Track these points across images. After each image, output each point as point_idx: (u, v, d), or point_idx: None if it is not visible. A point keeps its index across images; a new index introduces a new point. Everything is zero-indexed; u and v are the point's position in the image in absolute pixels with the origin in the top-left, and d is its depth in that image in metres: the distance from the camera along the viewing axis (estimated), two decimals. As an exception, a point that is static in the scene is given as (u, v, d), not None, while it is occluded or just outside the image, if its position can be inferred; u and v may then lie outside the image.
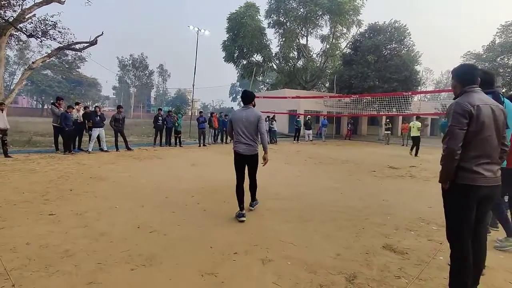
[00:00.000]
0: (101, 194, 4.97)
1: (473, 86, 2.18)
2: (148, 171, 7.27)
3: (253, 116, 4.01)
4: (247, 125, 4.01)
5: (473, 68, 2.30)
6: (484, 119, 2.04)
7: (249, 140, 4.03)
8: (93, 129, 10.10)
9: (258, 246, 3.13)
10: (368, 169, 8.60)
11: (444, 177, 2.16)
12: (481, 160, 2.06)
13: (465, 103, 2.07)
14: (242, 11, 28.03)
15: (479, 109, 2.04)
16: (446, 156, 2.10)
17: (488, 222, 2.71)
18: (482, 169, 2.05)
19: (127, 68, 65.28)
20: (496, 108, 2.12)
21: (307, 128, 19.35)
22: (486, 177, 2.05)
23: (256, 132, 4.05)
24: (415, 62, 22.63)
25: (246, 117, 4.02)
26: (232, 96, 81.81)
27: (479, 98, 2.11)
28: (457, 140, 2.04)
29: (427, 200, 5.23)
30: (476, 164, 2.06)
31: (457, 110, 2.07)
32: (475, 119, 2.04)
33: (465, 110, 2.04)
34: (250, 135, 4.03)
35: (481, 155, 2.07)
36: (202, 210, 4.35)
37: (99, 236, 3.26)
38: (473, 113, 2.03)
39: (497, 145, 2.11)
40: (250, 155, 4.06)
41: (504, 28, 31.12)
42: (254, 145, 4.06)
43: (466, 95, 2.15)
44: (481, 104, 2.06)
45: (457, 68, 2.32)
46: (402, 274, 2.63)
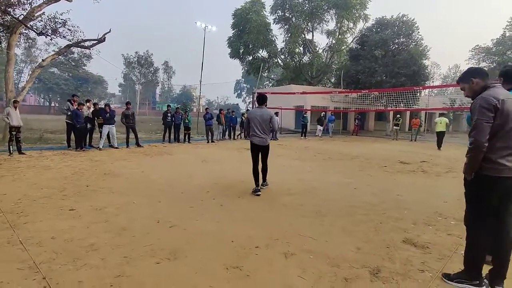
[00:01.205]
0: (117, 190, 5.03)
1: (495, 82, 2.27)
2: (159, 167, 7.33)
3: (266, 115, 5.08)
4: (261, 121, 5.07)
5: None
6: (509, 112, 2.12)
7: (262, 134, 5.10)
8: (103, 126, 10.19)
9: (278, 240, 3.15)
10: (379, 165, 8.57)
11: (470, 169, 2.24)
12: (506, 152, 2.14)
13: (490, 97, 2.13)
14: (247, 7, 27.93)
15: (504, 102, 2.11)
16: (474, 149, 2.17)
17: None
18: (506, 160, 2.14)
19: (133, 65, 65.52)
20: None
21: (320, 124, 19.31)
22: (510, 168, 2.13)
23: (268, 128, 5.11)
24: (423, 56, 22.36)
25: (261, 116, 5.09)
26: (237, 93, 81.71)
27: (503, 93, 2.18)
28: (484, 133, 2.11)
29: (441, 195, 5.21)
30: (501, 156, 2.14)
31: (483, 105, 2.14)
32: (500, 112, 2.11)
33: (490, 104, 2.11)
34: (263, 130, 5.09)
35: (506, 146, 2.14)
36: (218, 205, 4.38)
37: (121, 230, 3.31)
38: (498, 107, 2.10)
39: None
40: (263, 145, 5.16)
41: (514, 21, 30.54)
42: (265, 137, 5.14)
43: (490, 90, 2.22)
44: (506, 99, 2.14)
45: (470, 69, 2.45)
46: (425, 268, 2.64)
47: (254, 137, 5.12)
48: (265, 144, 5.14)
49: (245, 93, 79.30)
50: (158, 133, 16.68)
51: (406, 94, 19.08)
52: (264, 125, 5.05)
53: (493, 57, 29.73)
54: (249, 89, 69.78)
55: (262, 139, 5.08)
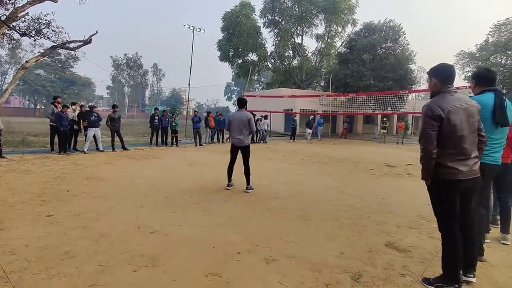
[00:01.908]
0: (99, 195, 4.91)
1: (450, 86, 2.31)
2: (145, 171, 7.21)
3: (244, 117, 5.40)
4: (240, 123, 5.37)
5: (452, 67, 2.42)
6: (455, 121, 2.19)
7: (240, 135, 5.39)
8: (88, 129, 9.99)
9: (260, 245, 3.11)
10: (365, 168, 8.63)
11: (425, 175, 2.35)
12: (457, 157, 2.23)
13: (436, 107, 2.21)
14: (237, 10, 27.96)
15: (449, 113, 2.19)
16: (424, 156, 2.29)
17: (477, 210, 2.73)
18: (459, 164, 2.22)
19: (121, 67, 64.81)
20: (469, 108, 2.25)
21: (309, 127, 19.40)
22: (463, 171, 2.23)
23: (247, 129, 5.39)
24: (410, 61, 22.76)
25: (240, 118, 5.42)
26: (227, 95, 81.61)
27: (451, 101, 2.23)
28: (431, 141, 2.22)
29: (425, 198, 5.18)
30: (453, 160, 2.22)
31: (428, 113, 2.23)
32: (445, 122, 2.19)
33: (434, 114, 2.20)
34: (242, 131, 5.38)
35: (457, 153, 2.23)
36: (202, 210, 4.31)
37: (99, 237, 3.21)
38: (442, 117, 2.18)
39: (472, 141, 2.26)
40: (242, 146, 5.42)
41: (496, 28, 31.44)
42: (244, 139, 5.40)
43: (440, 98, 2.29)
44: (452, 108, 2.19)
45: (437, 67, 2.42)
46: (406, 272, 2.63)
47: (233, 138, 5.51)
48: (243, 145, 5.41)
49: (235, 96, 79.26)
50: (146, 136, 16.46)
51: (393, 98, 19.37)
52: (243, 127, 5.36)
53: (477, 62, 30.47)
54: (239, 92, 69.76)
55: (240, 140, 5.40)
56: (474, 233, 2.44)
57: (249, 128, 5.40)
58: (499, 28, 31.15)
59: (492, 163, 2.67)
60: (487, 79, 2.78)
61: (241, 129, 5.37)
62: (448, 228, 2.34)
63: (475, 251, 2.46)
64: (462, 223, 2.37)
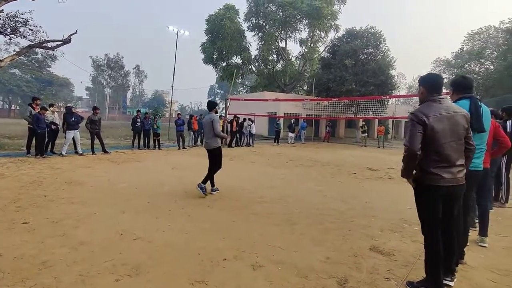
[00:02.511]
0: (79, 200, 4.73)
1: (436, 95, 2.37)
2: (127, 175, 7.03)
3: (209, 119, 5.38)
4: (206, 126, 5.42)
5: (439, 77, 2.52)
6: (438, 129, 2.25)
7: (208, 138, 5.45)
8: (67, 131, 9.66)
9: (246, 251, 3.08)
10: (348, 171, 8.76)
11: (405, 174, 2.43)
12: (440, 164, 2.28)
13: (421, 114, 2.29)
14: (221, 13, 27.91)
15: (434, 121, 2.25)
16: (407, 156, 2.33)
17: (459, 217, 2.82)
18: (442, 171, 2.27)
19: (102, 68, 63.28)
20: (454, 117, 2.31)
21: (291, 131, 19.51)
22: (445, 178, 2.28)
23: (211, 132, 5.32)
24: (390, 67, 23.41)
25: (206, 121, 5.47)
26: (211, 98, 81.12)
27: (436, 109, 2.30)
28: (416, 142, 2.27)
29: (407, 201, 5.36)
30: (436, 167, 2.28)
31: (414, 119, 2.31)
32: (429, 128, 2.25)
33: (419, 119, 2.27)
34: (208, 133, 5.43)
35: (440, 159, 2.29)
36: (186, 215, 4.24)
37: (78, 245, 3.09)
38: (427, 124, 2.25)
39: (456, 149, 2.31)
40: (208, 149, 5.44)
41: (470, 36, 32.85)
42: (210, 142, 5.39)
43: (425, 106, 2.36)
44: (436, 116, 2.27)
45: (424, 76, 2.52)
46: (391, 276, 2.67)
47: (204, 142, 5.65)
48: (209, 148, 5.38)
49: (219, 98, 78.87)
50: (127, 139, 16.11)
51: (374, 103, 19.81)
52: (208, 129, 5.37)
53: (453, 69, 31.72)
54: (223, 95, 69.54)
55: (206, 143, 5.47)
56: (455, 239, 2.50)
57: (212, 130, 5.30)
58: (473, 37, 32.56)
59: (474, 169, 2.74)
60: (464, 86, 2.87)
61: (207, 131, 5.41)
62: (430, 232, 2.40)
63: (455, 256, 2.51)
64: (444, 229, 2.43)
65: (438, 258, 2.35)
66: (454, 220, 2.48)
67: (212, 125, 5.27)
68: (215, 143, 5.36)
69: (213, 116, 5.36)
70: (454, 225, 2.49)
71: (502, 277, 2.72)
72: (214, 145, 5.35)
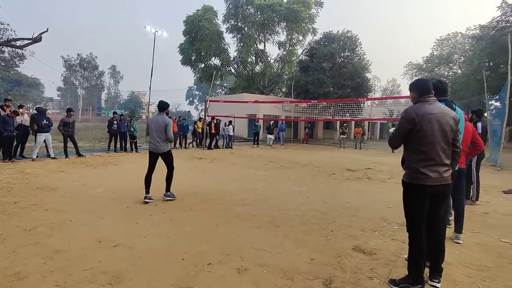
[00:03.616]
0: (52, 206, 4.51)
1: (427, 96, 2.48)
2: (104, 179, 6.79)
3: (162, 122, 5.02)
4: (157, 128, 5.04)
5: (427, 81, 2.63)
6: (428, 127, 2.35)
7: (157, 141, 5.05)
8: (38, 134, 9.20)
9: (231, 255, 3.05)
10: (328, 172, 8.91)
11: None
12: (427, 163, 2.37)
13: (412, 111, 2.40)
14: (199, 14, 27.66)
15: (423, 118, 2.35)
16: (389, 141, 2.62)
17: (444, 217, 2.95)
18: (428, 170, 2.36)
19: (74, 68, 60.97)
20: (444, 117, 2.40)
21: (270, 133, 19.58)
22: (432, 177, 2.36)
23: (164, 135, 5.02)
24: (366, 70, 24.12)
25: (158, 122, 5.05)
26: (189, 100, 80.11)
27: (427, 108, 2.40)
28: (396, 141, 2.50)
29: (386, 200, 5.54)
30: (423, 166, 2.37)
31: (404, 116, 2.43)
32: (418, 126, 2.35)
33: (410, 117, 2.38)
34: (158, 136, 5.04)
35: (428, 158, 2.37)
36: (168, 219, 4.14)
37: (54, 254, 2.93)
38: (416, 121, 2.35)
39: (444, 149, 2.39)
40: (159, 152, 5.11)
41: (439, 42, 34.49)
42: (160, 145, 5.06)
43: (418, 105, 2.47)
44: (426, 114, 2.37)
45: (413, 82, 2.66)
46: (374, 274, 2.73)
47: (150, 144, 5.16)
48: (160, 151, 5.10)
49: (197, 100, 78.13)
50: (103, 141, 15.60)
51: (351, 105, 20.30)
52: (160, 132, 5.02)
53: (424, 73, 33.14)
54: (202, 96, 68.90)
55: (157, 146, 5.07)
56: (442, 239, 2.58)
57: (166, 134, 5.01)
58: (442, 43, 34.18)
59: None
60: (440, 90, 3.01)
61: (158, 134, 5.03)
62: (415, 229, 2.47)
63: (441, 257, 2.58)
64: (430, 229, 2.50)
65: (421, 255, 2.42)
66: (442, 220, 2.56)
67: (165, 129, 4.99)
68: (166, 147, 5.14)
69: (167, 120, 5.06)
70: (441, 225, 2.58)
71: (477, 272, 2.85)
72: (165, 148, 5.13)
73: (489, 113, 14.55)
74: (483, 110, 5.66)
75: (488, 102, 15.29)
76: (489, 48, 20.87)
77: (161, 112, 5.21)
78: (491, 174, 9.10)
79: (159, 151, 5.10)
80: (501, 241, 3.69)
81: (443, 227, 2.70)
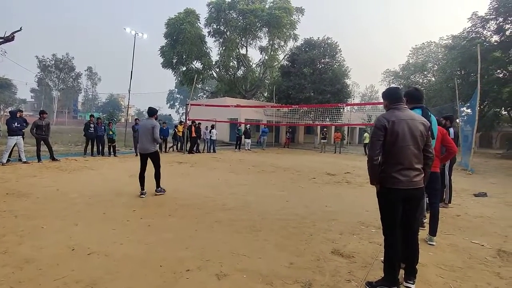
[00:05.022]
0: (22, 213, 4.31)
1: (397, 104, 2.60)
2: (79, 184, 6.56)
3: (149, 125, 5.62)
4: (145, 131, 5.64)
5: (397, 89, 2.78)
6: (398, 132, 2.45)
7: (145, 143, 5.67)
8: (8, 137, 8.79)
9: (211, 260, 3.02)
10: (308, 176, 9.01)
11: (370, 179, 2.60)
12: (398, 167, 2.47)
13: (382, 118, 2.52)
14: (181, 17, 27.51)
15: (393, 124, 2.46)
16: (368, 161, 2.54)
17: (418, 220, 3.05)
18: (399, 174, 2.46)
19: (49, 69, 58.86)
20: (413, 122, 2.51)
21: (247, 137, 19.58)
22: (402, 181, 2.45)
23: (151, 137, 5.59)
24: (345, 76, 24.72)
25: (145, 126, 5.68)
26: (170, 103, 79.06)
27: (397, 115, 2.52)
28: (374, 148, 2.49)
29: (363, 204, 5.66)
30: (395, 170, 2.46)
31: (376, 124, 2.53)
32: (389, 131, 2.46)
33: (380, 124, 2.48)
34: (146, 138, 5.64)
35: (398, 162, 2.47)
36: (146, 225, 4.05)
37: (23, 263, 2.80)
38: (387, 127, 2.46)
39: (415, 153, 2.49)
40: (147, 153, 5.73)
41: (414, 50, 35.88)
42: (148, 146, 5.68)
43: (388, 112, 2.60)
44: (396, 120, 2.48)
45: (385, 90, 2.80)
46: (351, 277, 2.77)
47: (139, 146, 5.88)
48: (147, 152, 5.70)
49: (178, 103, 77.27)
50: (79, 145, 15.10)
51: (331, 110, 20.70)
52: (148, 134, 5.60)
53: (400, 80, 34.37)
54: (183, 100, 68.23)
55: (144, 147, 5.71)
56: (417, 242, 2.66)
57: (153, 135, 5.58)
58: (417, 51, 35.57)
59: None
60: (416, 97, 3.15)
61: (147, 137, 5.61)
62: (390, 233, 2.54)
63: (416, 259, 2.65)
64: (405, 232, 2.58)
65: (396, 257, 2.50)
66: (416, 223, 2.65)
67: (152, 131, 5.57)
68: (153, 148, 5.72)
69: (155, 123, 5.70)
70: (416, 228, 2.66)
71: (450, 272, 2.96)
72: (152, 149, 5.71)
73: (460, 119, 15.23)
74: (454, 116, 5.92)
75: (460, 109, 16.02)
76: (460, 57, 21.93)
77: (150, 117, 5.88)
78: (463, 178, 9.51)
79: (147, 152, 5.70)
80: (472, 242, 3.85)
81: (417, 230, 2.79)
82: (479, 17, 21.34)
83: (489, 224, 4.70)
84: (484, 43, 20.11)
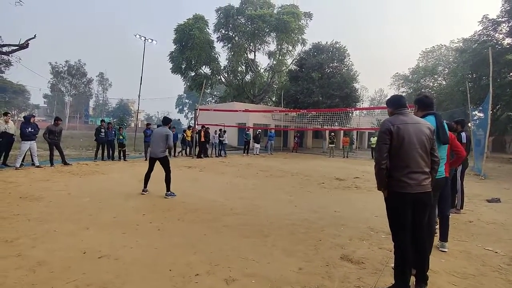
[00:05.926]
0: (35, 217, 4.40)
1: (401, 109, 2.63)
2: (90, 188, 6.66)
3: (164, 133, 6.14)
4: (159, 138, 6.12)
5: (400, 96, 2.82)
6: (404, 135, 2.46)
7: (156, 148, 6.18)
8: (22, 142, 9.00)
9: (219, 265, 3.02)
10: (317, 181, 8.96)
11: (378, 184, 2.60)
12: (406, 170, 2.46)
13: (387, 122, 2.54)
14: (190, 23, 27.80)
15: (398, 128, 2.47)
16: (375, 165, 2.54)
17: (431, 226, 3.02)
18: (407, 178, 2.44)
19: (62, 75, 60.18)
20: (419, 126, 2.52)
21: (256, 142, 19.60)
22: (410, 185, 2.44)
23: (164, 143, 6.10)
24: (354, 80, 24.57)
25: (160, 133, 6.18)
26: (179, 108, 79.83)
27: (402, 119, 2.54)
28: (381, 152, 2.49)
29: (373, 209, 5.60)
30: (402, 174, 2.45)
31: (381, 129, 2.54)
32: (395, 135, 2.47)
33: (386, 129, 2.50)
34: (157, 144, 6.15)
35: (406, 165, 2.46)
36: (156, 229, 4.08)
37: (36, 266, 2.85)
38: (392, 131, 2.47)
39: (422, 156, 2.48)
40: (157, 157, 6.18)
41: (424, 54, 35.49)
42: (158, 151, 6.14)
43: (393, 117, 2.62)
44: (401, 124, 2.50)
45: (389, 98, 2.84)
46: (361, 284, 2.74)
47: (150, 150, 6.43)
48: (158, 157, 6.15)
49: (187, 108, 77.94)
50: (90, 150, 15.34)
51: (340, 114, 20.59)
52: (161, 141, 6.09)
53: (410, 83, 34.00)
54: (192, 104, 68.76)
55: (155, 152, 6.18)
56: (426, 247, 2.63)
57: (166, 143, 6.09)
58: (427, 55, 35.17)
59: (438, 176, 2.93)
60: (426, 104, 3.13)
61: (158, 142, 6.10)
62: (398, 238, 2.51)
63: (426, 265, 2.62)
64: (415, 237, 2.54)
65: (406, 264, 2.46)
66: (425, 228, 2.61)
67: (166, 139, 6.08)
68: (162, 153, 6.16)
69: (169, 131, 6.20)
70: (425, 233, 2.63)
71: (462, 280, 2.90)
72: (161, 154, 6.15)
73: (472, 123, 14.97)
74: (465, 120, 5.83)
75: (472, 113, 15.75)
76: (471, 60, 21.61)
77: (164, 125, 6.42)
78: (475, 183, 9.32)
79: (156, 156, 6.16)
80: (485, 249, 3.77)
81: (428, 236, 2.75)
82: (490, 20, 21.06)
83: (503, 231, 4.60)
84: (496, 46, 19.79)
